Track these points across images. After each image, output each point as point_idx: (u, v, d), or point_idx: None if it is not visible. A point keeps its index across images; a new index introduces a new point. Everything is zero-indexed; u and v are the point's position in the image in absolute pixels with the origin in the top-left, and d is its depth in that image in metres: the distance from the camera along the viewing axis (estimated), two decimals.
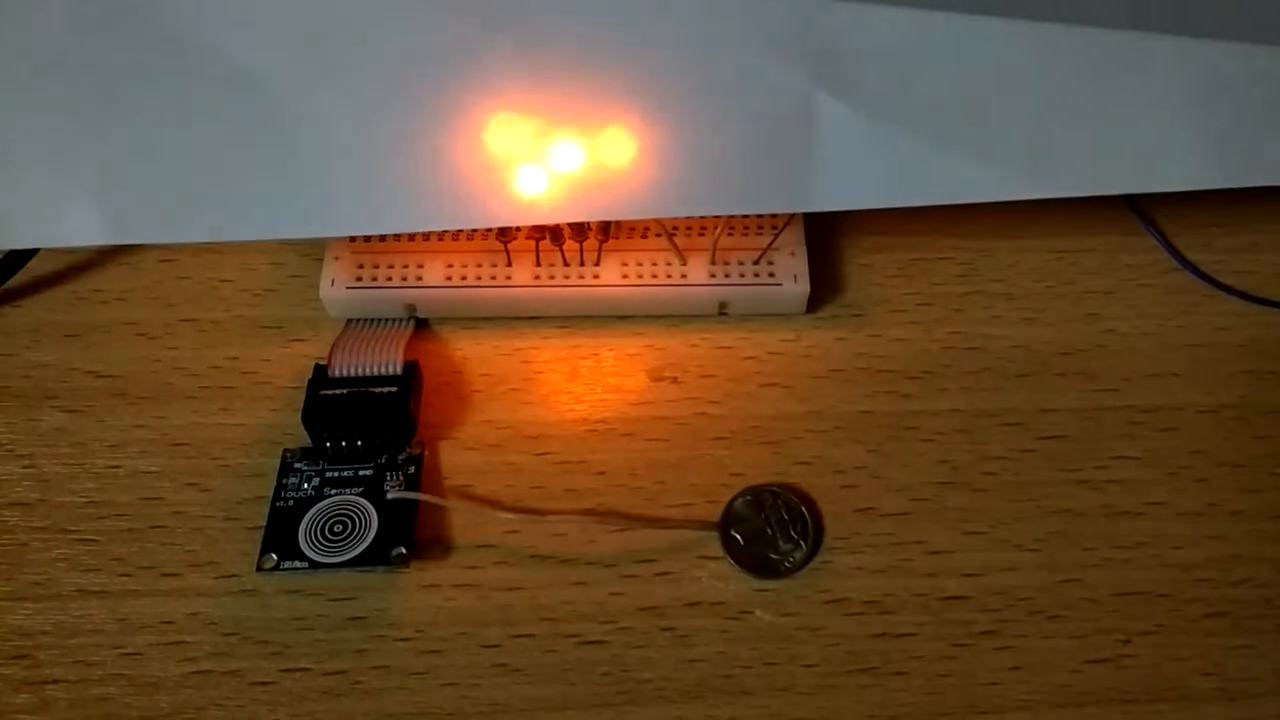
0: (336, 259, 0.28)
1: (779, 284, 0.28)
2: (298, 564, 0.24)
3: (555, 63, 0.24)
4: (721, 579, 0.25)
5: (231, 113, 0.24)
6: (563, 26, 0.24)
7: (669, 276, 0.28)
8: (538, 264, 0.28)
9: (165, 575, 0.24)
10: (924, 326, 0.28)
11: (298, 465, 0.25)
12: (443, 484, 0.26)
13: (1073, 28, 0.25)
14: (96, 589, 0.24)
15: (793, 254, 0.28)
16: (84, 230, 0.25)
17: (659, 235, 0.28)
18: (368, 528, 0.24)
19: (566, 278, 0.27)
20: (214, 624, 0.24)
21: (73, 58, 0.24)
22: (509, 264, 0.28)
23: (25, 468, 0.26)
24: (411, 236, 0.28)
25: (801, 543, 0.25)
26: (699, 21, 0.24)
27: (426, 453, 0.26)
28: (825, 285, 0.29)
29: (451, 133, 0.25)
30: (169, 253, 0.29)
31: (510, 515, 0.25)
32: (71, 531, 0.25)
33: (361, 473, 0.25)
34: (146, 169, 0.25)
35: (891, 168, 0.25)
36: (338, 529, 0.24)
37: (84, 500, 0.25)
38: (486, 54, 0.24)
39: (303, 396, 0.26)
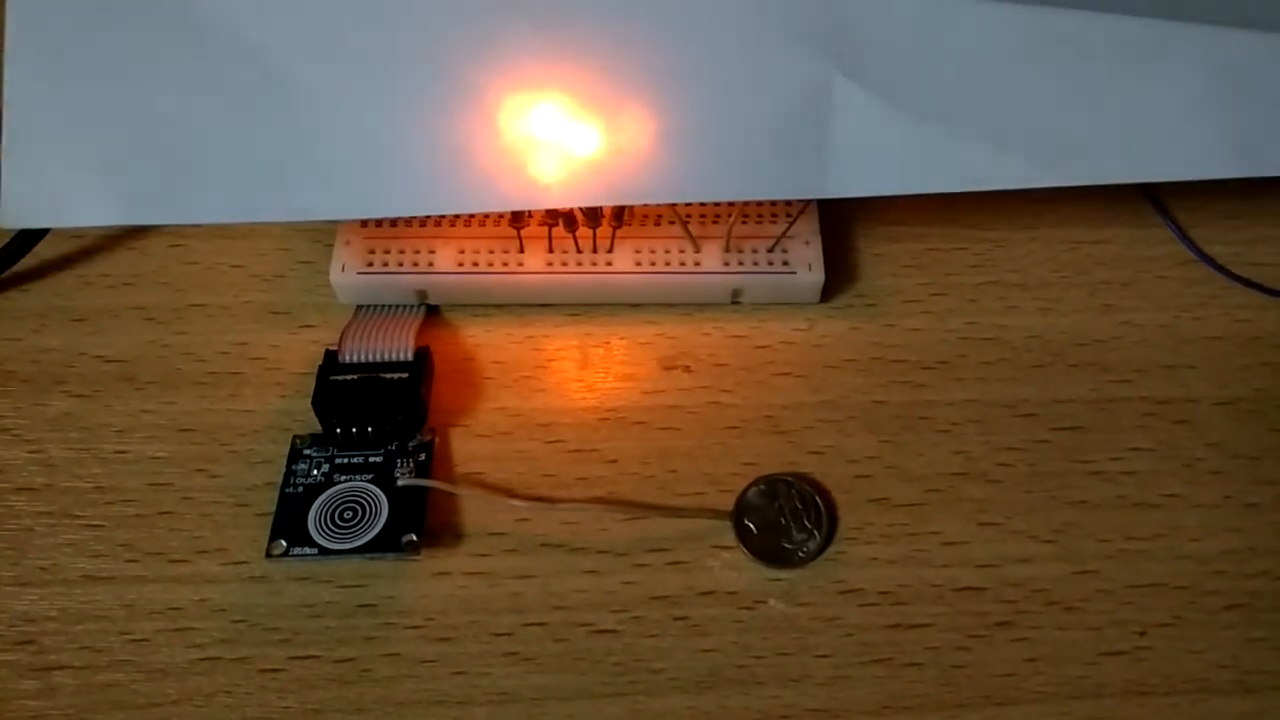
0: (347, 244, 0.27)
1: (793, 272, 0.27)
2: (307, 550, 0.24)
3: (571, 43, 0.24)
4: (734, 568, 0.24)
5: (243, 93, 0.24)
6: (580, 7, 0.24)
7: (682, 264, 0.27)
8: (550, 250, 0.27)
9: (173, 561, 0.24)
10: (938, 316, 0.28)
11: (307, 451, 0.25)
12: (454, 471, 0.25)
13: (1091, 15, 0.25)
14: (103, 575, 0.24)
15: (807, 242, 0.28)
16: (96, 211, 0.24)
17: (672, 222, 0.28)
18: (378, 514, 0.24)
19: (579, 264, 0.27)
20: (222, 611, 0.24)
21: (84, 38, 0.24)
22: (521, 250, 0.27)
23: (32, 452, 0.26)
24: (423, 222, 0.28)
25: (815, 532, 0.25)
26: (717, 3, 0.24)
27: (437, 439, 0.26)
28: (839, 274, 0.29)
29: (466, 114, 0.24)
30: (177, 237, 0.29)
31: (521, 503, 0.25)
32: (78, 517, 0.25)
33: (372, 459, 0.25)
34: (158, 150, 0.24)
35: (909, 154, 0.25)
36: (348, 515, 0.24)
37: (91, 485, 0.25)
38: (502, 35, 0.24)
39: (312, 382, 0.25)
